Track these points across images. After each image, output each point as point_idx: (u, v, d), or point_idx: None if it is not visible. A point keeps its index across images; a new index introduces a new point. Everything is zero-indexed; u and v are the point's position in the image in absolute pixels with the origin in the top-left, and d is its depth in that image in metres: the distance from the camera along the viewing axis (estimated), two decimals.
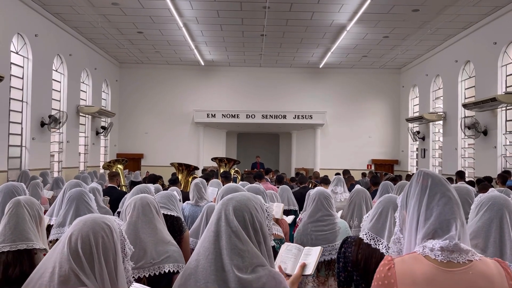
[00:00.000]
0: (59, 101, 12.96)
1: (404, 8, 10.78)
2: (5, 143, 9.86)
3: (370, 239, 2.28)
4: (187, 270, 1.57)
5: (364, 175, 13.84)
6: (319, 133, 18.01)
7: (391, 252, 1.63)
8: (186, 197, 5.08)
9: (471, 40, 12.32)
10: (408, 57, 16.03)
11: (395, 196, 2.27)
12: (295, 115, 17.51)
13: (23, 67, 10.82)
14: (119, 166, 9.41)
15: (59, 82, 12.99)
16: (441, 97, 14.56)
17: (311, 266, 2.05)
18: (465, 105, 11.71)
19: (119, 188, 7.16)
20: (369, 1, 10.29)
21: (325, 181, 7.01)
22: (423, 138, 15.66)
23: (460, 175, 8.89)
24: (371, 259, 2.23)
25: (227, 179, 6.64)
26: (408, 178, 10.79)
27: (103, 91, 16.58)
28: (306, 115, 17.56)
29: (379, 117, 18.25)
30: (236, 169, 10.60)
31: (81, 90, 14.51)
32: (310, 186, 7.95)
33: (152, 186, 4.69)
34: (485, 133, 11.32)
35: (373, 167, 17.82)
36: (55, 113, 11.91)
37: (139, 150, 17.95)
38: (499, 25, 10.89)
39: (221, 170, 9.19)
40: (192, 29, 12.91)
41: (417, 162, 16.71)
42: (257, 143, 21.17)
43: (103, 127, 15.94)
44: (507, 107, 10.68)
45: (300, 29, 12.75)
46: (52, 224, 3.31)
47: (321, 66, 17.37)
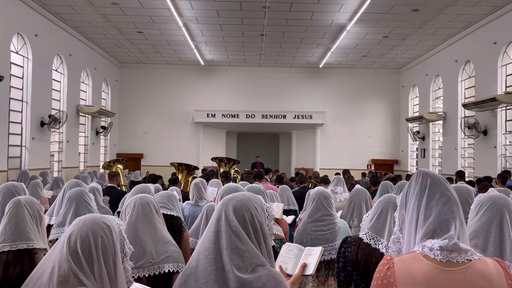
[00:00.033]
0: (59, 101, 12.95)
1: (404, 8, 10.78)
2: (5, 143, 9.86)
3: (370, 239, 2.28)
4: (187, 269, 1.57)
5: (364, 175, 13.84)
6: (319, 133, 18.00)
7: (390, 251, 1.63)
8: (186, 197, 5.08)
9: (471, 40, 12.32)
10: (408, 57, 16.03)
11: (395, 196, 2.27)
12: (295, 115, 17.51)
13: (23, 67, 10.82)
14: (119, 165, 9.42)
15: (59, 82, 12.99)
16: (441, 97, 14.56)
17: (312, 266, 2.05)
18: (465, 105, 11.71)
19: (119, 188, 7.16)
20: (369, 1, 10.28)
21: (325, 181, 7.01)
22: (423, 138, 15.66)
23: (460, 175, 8.89)
24: (371, 259, 2.23)
25: (227, 179, 6.64)
26: (408, 177, 10.78)
27: (103, 91, 16.57)
28: (306, 115, 17.56)
29: (379, 117, 18.24)
30: (236, 169, 10.60)
31: (81, 90, 14.51)
32: (310, 185, 7.95)
33: (152, 186, 4.69)
34: (485, 133, 11.32)
35: (373, 167, 17.82)
36: (55, 113, 11.91)
37: (139, 149, 17.95)
38: (499, 25, 10.89)
39: (221, 170, 9.20)
40: (192, 29, 12.91)
41: (417, 161, 16.71)
42: (257, 143, 21.16)
43: (103, 127, 15.94)
44: (507, 107, 10.68)
45: (300, 29, 12.75)
46: (52, 223, 3.31)
47: (321, 66, 17.37)
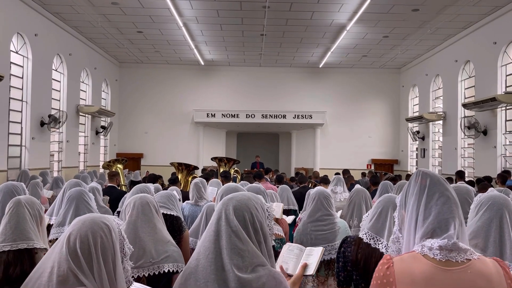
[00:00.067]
0: (59, 100, 12.95)
1: (404, 7, 10.78)
2: (5, 142, 9.85)
3: (369, 239, 2.28)
4: (187, 269, 1.57)
5: (363, 175, 13.85)
6: (318, 133, 18.00)
7: (390, 251, 1.63)
8: (186, 197, 5.08)
9: (471, 40, 12.31)
10: (408, 57, 16.03)
11: (395, 196, 2.27)
12: (295, 115, 17.51)
13: (23, 66, 10.81)
14: (118, 165, 9.42)
15: (59, 81, 12.99)
16: (441, 97, 14.56)
17: (313, 267, 2.05)
18: (465, 105, 11.71)
19: (119, 188, 7.16)
20: (369, 1, 10.28)
21: (325, 181, 7.01)
22: (423, 138, 15.66)
23: (459, 175, 8.89)
24: (370, 259, 2.23)
25: (227, 179, 6.64)
26: (408, 177, 10.78)
27: (103, 91, 16.57)
28: (306, 115, 17.56)
29: (379, 117, 18.24)
30: (235, 169, 10.60)
31: (81, 90, 14.50)
32: (309, 185, 7.94)
33: (152, 186, 4.69)
34: (485, 133, 11.32)
35: (372, 167, 17.82)
36: (54, 113, 11.91)
37: (139, 149, 17.94)
38: (499, 25, 10.89)
39: (221, 170, 9.20)
40: (192, 28, 12.91)
41: (417, 161, 16.71)
42: (256, 143, 21.16)
43: (103, 127, 15.94)
44: (507, 107, 10.68)
45: (300, 29, 12.74)
46: (51, 223, 3.31)
47: (321, 66, 17.36)
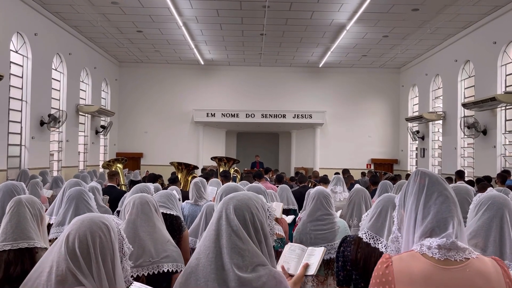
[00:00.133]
0: (59, 100, 12.95)
1: (403, 7, 10.78)
2: (5, 142, 9.85)
3: (369, 238, 2.28)
4: (188, 268, 1.57)
5: (363, 174, 13.85)
6: (318, 133, 18.00)
7: (389, 250, 1.63)
8: (185, 196, 5.08)
9: (471, 39, 12.32)
10: (407, 57, 16.03)
11: (394, 195, 2.27)
12: (295, 115, 17.51)
13: (22, 66, 10.81)
14: (118, 165, 9.42)
15: (59, 81, 12.98)
16: (441, 97, 14.56)
17: (314, 267, 2.05)
18: (465, 105, 11.71)
19: (119, 187, 7.16)
20: (368, 1, 10.27)
21: (325, 180, 7.01)
22: (423, 138, 15.66)
23: (459, 175, 8.90)
24: (370, 258, 2.23)
25: (226, 178, 6.65)
26: (407, 177, 10.78)
27: (103, 91, 16.57)
28: (305, 115, 17.56)
29: (378, 116, 18.24)
30: (235, 168, 10.62)
31: (81, 89, 14.50)
32: (309, 185, 7.95)
33: (151, 185, 4.70)
34: (485, 133, 11.33)
35: (372, 166, 17.82)
36: (54, 112, 11.91)
37: (139, 149, 17.94)
38: (498, 25, 10.89)
39: (221, 169, 9.21)
40: (191, 28, 12.90)
41: (416, 161, 16.72)
42: (256, 142, 21.16)
43: (102, 126, 15.94)
44: (507, 107, 10.68)
45: (299, 29, 12.74)
46: (51, 222, 3.31)
47: (320, 65, 17.36)
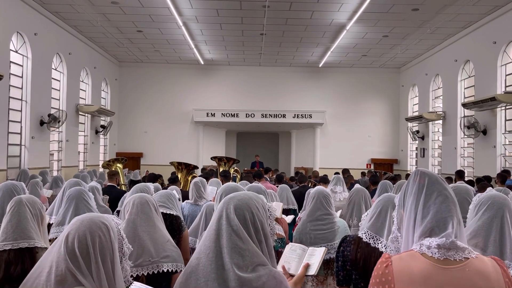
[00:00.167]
0: (59, 100, 12.94)
1: (403, 7, 10.78)
2: (5, 142, 9.85)
3: (369, 238, 2.28)
4: (188, 268, 1.57)
5: (363, 174, 13.85)
6: (318, 133, 18.00)
7: (389, 250, 1.63)
8: (185, 196, 5.08)
9: (471, 39, 12.31)
10: (407, 57, 16.03)
11: (394, 195, 2.27)
12: (295, 115, 17.51)
13: (22, 66, 10.80)
14: (118, 164, 9.42)
15: (59, 81, 12.98)
16: (441, 97, 14.56)
17: (315, 267, 2.06)
18: (465, 105, 11.71)
19: (119, 187, 7.16)
20: (368, 1, 10.27)
21: (324, 180, 7.01)
22: (423, 137, 15.66)
23: (459, 174, 8.90)
24: (370, 258, 2.23)
25: (226, 178, 6.65)
26: (407, 177, 10.77)
27: (103, 90, 16.56)
28: (305, 115, 17.56)
29: (378, 116, 18.24)
30: (235, 168, 10.62)
31: (81, 89, 14.49)
32: (309, 185, 7.95)
33: (151, 185, 4.70)
34: (485, 133, 11.33)
35: (372, 166, 17.82)
36: (54, 112, 11.90)
37: (139, 148, 17.94)
38: (498, 25, 10.89)
39: (221, 169, 9.22)
40: (191, 28, 12.90)
41: (416, 161, 16.72)
42: (256, 142, 21.16)
43: (102, 126, 15.93)
44: (507, 107, 10.68)
45: (299, 28, 12.74)
46: (51, 222, 3.31)
47: (320, 65, 17.36)
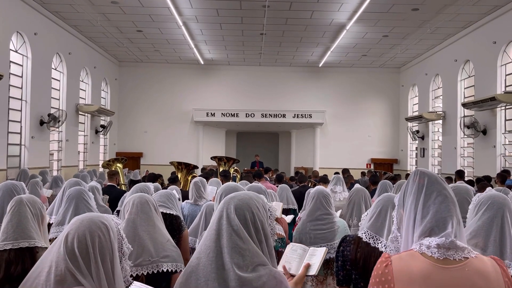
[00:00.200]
0: (59, 100, 12.94)
1: (403, 7, 10.78)
2: (4, 142, 9.84)
3: (369, 238, 2.28)
4: (188, 268, 1.57)
5: (363, 174, 13.85)
6: (318, 133, 18.00)
7: (389, 250, 1.63)
8: (185, 196, 5.08)
9: (471, 39, 12.31)
10: (407, 57, 16.03)
11: (394, 195, 2.27)
12: (295, 114, 17.51)
13: (22, 65, 10.80)
14: (118, 164, 9.42)
15: (59, 81, 12.98)
16: (441, 97, 14.56)
17: (315, 267, 2.06)
18: (465, 105, 11.71)
19: (119, 187, 7.16)
20: (368, 0, 10.27)
21: (324, 180, 7.01)
22: (423, 137, 15.66)
23: (459, 174, 8.90)
24: (370, 258, 2.23)
25: (226, 178, 6.65)
26: (407, 177, 10.77)
27: (103, 90, 16.56)
28: (305, 115, 17.56)
29: (378, 116, 18.24)
30: (235, 168, 10.62)
31: (81, 89, 14.49)
32: (309, 185, 7.95)
33: (151, 185, 4.70)
34: (485, 133, 11.33)
35: (372, 166, 17.82)
36: (54, 112, 11.90)
37: (139, 148, 17.94)
38: (498, 25, 10.89)
39: (221, 169, 9.22)
40: (191, 28, 12.90)
41: (416, 161, 16.72)
42: (256, 142, 21.16)
43: (102, 126, 15.93)
44: (507, 107, 10.68)
45: (299, 28, 12.74)
46: (51, 222, 3.31)
47: (320, 65, 17.36)
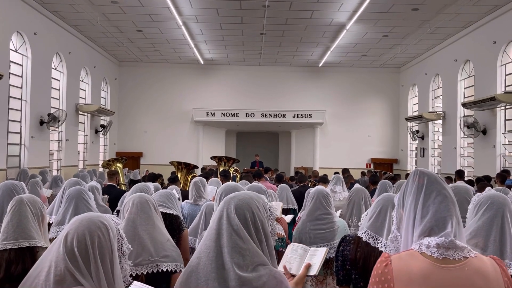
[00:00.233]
0: (58, 99, 12.94)
1: (403, 7, 10.78)
2: (4, 141, 9.84)
3: (368, 238, 2.28)
4: (188, 267, 1.58)
5: (363, 174, 13.85)
6: (318, 132, 18.00)
7: (388, 250, 1.63)
8: (185, 196, 5.08)
9: (471, 39, 12.31)
10: (407, 56, 16.03)
11: (394, 195, 2.27)
12: (295, 114, 17.51)
13: (22, 65, 10.80)
14: (118, 164, 9.42)
15: (58, 80, 12.98)
16: (441, 97, 14.56)
17: (316, 267, 2.06)
18: (465, 105, 11.71)
19: (118, 187, 7.16)
20: (368, 0, 10.27)
21: (324, 180, 7.02)
22: (422, 137, 15.66)
23: (459, 174, 8.90)
24: (369, 258, 2.23)
25: (226, 178, 6.66)
26: (407, 177, 10.76)
27: (102, 90, 16.56)
28: (305, 114, 17.56)
29: (378, 116, 18.24)
30: (235, 168, 10.62)
31: (80, 88, 14.49)
32: (309, 184, 7.95)
33: (151, 185, 4.70)
34: (484, 133, 11.33)
35: (372, 166, 17.82)
36: (54, 111, 11.90)
37: (138, 148, 17.94)
38: (498, 25, 10.89)
39: (221, 169, 9.22)
40: (191, 27, 12.90)
41: (416, 161, 16.72)
42: (256, 142, 21.16)
43: (102, 125, 15.93)
44: (506, 107, 10.68)
45: (299, 28, 12.73)
46: (51, 222, 3.31)
47: (320, 65, 17.36)
